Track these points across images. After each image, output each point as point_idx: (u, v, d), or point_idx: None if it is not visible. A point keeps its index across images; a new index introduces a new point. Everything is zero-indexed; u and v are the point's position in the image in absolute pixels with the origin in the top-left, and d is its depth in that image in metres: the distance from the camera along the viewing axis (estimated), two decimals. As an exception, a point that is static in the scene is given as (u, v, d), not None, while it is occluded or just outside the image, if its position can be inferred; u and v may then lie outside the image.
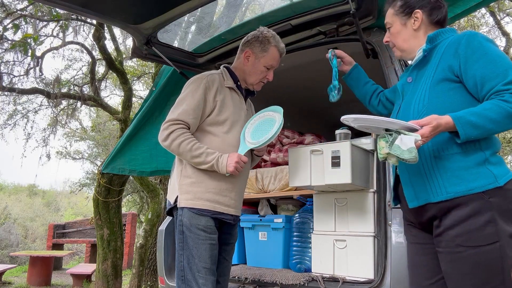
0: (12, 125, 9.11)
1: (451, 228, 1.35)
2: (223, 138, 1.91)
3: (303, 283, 2.18)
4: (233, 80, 2.01)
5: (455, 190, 1.35)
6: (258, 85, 2.06)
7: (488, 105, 1.31)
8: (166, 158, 3.37)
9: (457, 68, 1.41)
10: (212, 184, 1.87)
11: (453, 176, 1.36)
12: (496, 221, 1.30)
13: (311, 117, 4.39)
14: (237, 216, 2.00)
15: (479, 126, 1.30)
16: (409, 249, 1.61)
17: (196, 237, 1.81)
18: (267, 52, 1.98)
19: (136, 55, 2.67)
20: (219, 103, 1.91)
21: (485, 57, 1.36)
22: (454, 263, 1.35)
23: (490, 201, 1.31)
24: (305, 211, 2.65)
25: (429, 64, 1.51)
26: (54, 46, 7.27)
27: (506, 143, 8.15)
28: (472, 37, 1.41)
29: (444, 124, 1.32)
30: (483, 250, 1.30)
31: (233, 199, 1.93)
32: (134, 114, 4.01)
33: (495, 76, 1.33)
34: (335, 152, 2.10)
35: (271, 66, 2.01)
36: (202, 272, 1.78)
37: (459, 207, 1.34)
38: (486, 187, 1.32)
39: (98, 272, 4.98)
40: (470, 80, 1.39)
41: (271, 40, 1.99)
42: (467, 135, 1.31)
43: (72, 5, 2.03)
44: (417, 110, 1.46)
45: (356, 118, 1.38)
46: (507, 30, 7.71)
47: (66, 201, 24.28)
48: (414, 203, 1.46)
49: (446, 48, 1.46)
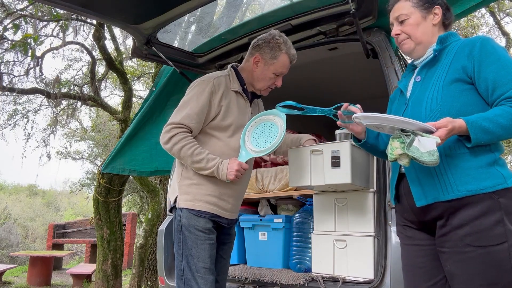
0: (12, 125, 9.12)
1: (460, 228, 1.35)
2: (226, 142, 1.90)
3: (303, 283, 2.18)
4: (239, 82, 1.98)
5: (467, 189, 1.34)
6: (266, 91, 2.04)
7: (499, 111, 1.33)
8: (166, 158, 3.37)
9: (470, 70, 1.42)
10: (212, 187, 1.87)
11: (464, 174, 1.36)
12: (504, 221, 1.31)
13: (311, 117, 4.38)
14: (232, 220, 2.01)
15: (490, 132, 1.31)
16: (404, 250, 1.59)
17: (195, 238, 1.82)
18: (277, 59, 1.92)
19: (136, 55, 2.67)
20: (224, 108, 1.88)
21: (498, 62, 1.38)
22: (462, 263, 1.34)
23: (499, 201, 1.32)
24: (305, 211, 2.65)
25: (439, 64, 1.51)
26: (54, 46, 7.28)
27: (506, 143, 8.16)
28: (486, 41, 1.43)
29: (457, 127, 1.32)
30: (493, 250, 1.30)
31: (231, 203, 1.94)
32: (134, 114, 4.01)
33: (507, 82, 1.35)
34: (335, 152, 2.10)
35: (281, 73, 1.98)
36: (201, 272, 1.79)
37: (468, 207, 1.34)
38: (497, 187, 1.33)
39: (98, 272, 4.98)
40: (483, 83, 1.40)
41: (282, 46, 1.92)
42: (478, 140, 1.32)
43: (72, 5, 2.04)
44: (429, 109, 1.45)
45: (368, 116, 1.35)
46: (507, 30, 7.71)
47: (66, 201, 24.30)
48: (422, 201, 1.44)
49: (458, 49, 1.47)
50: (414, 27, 1.56)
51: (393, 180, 1.60)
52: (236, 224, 2.14)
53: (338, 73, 3.32)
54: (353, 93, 3.78)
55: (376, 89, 3.39)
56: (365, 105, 2.10)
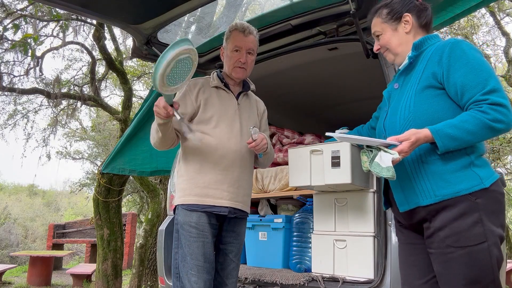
0: (12, 125, 9.12)
1: (441, 230, 1.38)
2: (212, 134, 1.92)
3: (303, 283, 2.18)
4: (220, 79, 2.05)
5: (443, 193, 1.38)
6: (235, 71, 2.02)
7: (465, 117, 1.35)
8: (166, 158, 3.37)
9: (440, 76, 1.44)
10: (200, 178, 1.89)
11: (440, 179, 1.39)
12: (483, 221, 1.33)
13: (311, 117, 4.39)
14: (235, 209, 1.93)
15: (457, 138, 1.34)
16: (400, 249, 1.64)
17: (188, 235, 1.83)
18: (229, 38, 2.02)
19: (136, 55, 2.67)
20: (203, 102, 1.95)
21: (466, 66, 1.39)
22: (445, 264, 1.38)
23: (476, 202, 1.34)
24: (305, 211, 2.65)
25: (414, 71, 1.54)
26: (54, 46, 7.28)
27: (506, 143, 8.15)
28: (456, 45, 1.43)
29: (423, 137, 1.37)
30: (472, 250, 1.33)
31: (226, 190, 1.90)
32: (134, 114, 4.01)
33: (475, 85, 1.37)
34: (335, 152, 2.10)
35: (237, 47, 1.99)
36: (194, 270, 1.79)
37: (447, 209, 1.37)
38: (472, 189, 1.35)
39: (98, 272, 4.98)
40: (452, 88, 1.42)
41: (230, 27, 2.04)
42: (446, 147, 1.35)
43: (72, 5, 2.04)
44: (403, 117, 1.49)
45: (339, 136, 1.51)
46: (507, 30, 7.71)
47: (66, 201, 24.29)
48: (405, 207, 1.49)
49: (431, 56, 1.49)
50: (388, 41, 1.61)
51: (382, 186, 1.66)
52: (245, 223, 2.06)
53: (338, 73, 3.31)
54: (353, 93, 3.78)
55: (376, 89, 3.38)
56: (365, 105, 2.10)
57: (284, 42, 2.72)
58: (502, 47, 7.92)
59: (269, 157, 2.11)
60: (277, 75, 3.27)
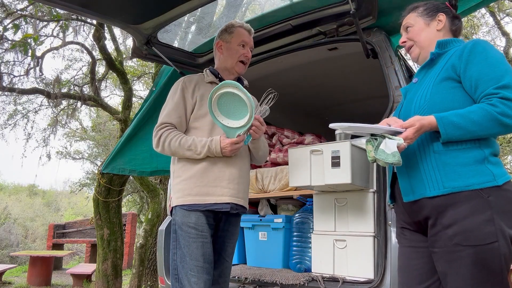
0: (12, 125, 9.12)
1: (449, 227, 1.34)
2: (207, 130, 1.93)
3: (303, 283, 2.18)
4: (214, 75, 2.06)
5: (452, 185, 1.35)
6: (238, 66, 2.04)
7: (474, 108, 1.35)
8: (166, 158, 3.33)
9: (459, 69, 1.45)
10: (199, 178, 1.88)
11: (451, 171, 1.37)
12: (494, 220, 1.30)
13: (311, 117, 4.39)
14: (237, 205, 1.92)
15: (461, 127, 1.33)
16: (401, 253, 1.60)
17: (187, 235, 1.82)
18: (233, 33, 2.03)
19: (136, 55, 2.67)
20: (199, 98, 1.97)
21: (485, 61, 1.40)
22: (452, 263, 1.34)
23: (489, 199, 1.31)
24: (305, 211, 2.65)
25: (435, 67, 1.55)
26: (54, 46, 7.28)
27: (506, 143, 8.15)
28: (478, 43, 1.46)
29: (427, 124, 1.37)
30: (482, 250, 1.29)
31: (227, 187, 1.89)
32: (134, 114, 4.01)
33: (489, 79, 1.37)
34: (335, 152, 2.10)
35: (243, 42, 2.04)
36: (194, 271, 1.78)
37: (457, 205, 1.34)
38: (484, 184, 1.32)
39: (98, 272, 4.99)
40: (467, 81, 1.42)
41: (234, 23, 2.06)
42: (448, 134, 1.34)
43: (72, 5, 2.04)
44: (418, 106, 1.49)
45: (342, 126, 1.47)
46: (507, 30, 7.71)
47: (66, 201, 24.29)
48: (410, 197, 1.46)
49: (454, 52, 1.50)
50: (418, 33, 1.63)
51: (389, 179, 1.64)
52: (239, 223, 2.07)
53: (338, 73, 3.32)
54: (353, 93, 3.78)
55: (376, 89, 3.39)
56: (365, 105, 2.11)
57: (284, 42, 2.72)
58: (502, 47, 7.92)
59: (263, 153, 2.09)
60: (277, 75, 3.27)
